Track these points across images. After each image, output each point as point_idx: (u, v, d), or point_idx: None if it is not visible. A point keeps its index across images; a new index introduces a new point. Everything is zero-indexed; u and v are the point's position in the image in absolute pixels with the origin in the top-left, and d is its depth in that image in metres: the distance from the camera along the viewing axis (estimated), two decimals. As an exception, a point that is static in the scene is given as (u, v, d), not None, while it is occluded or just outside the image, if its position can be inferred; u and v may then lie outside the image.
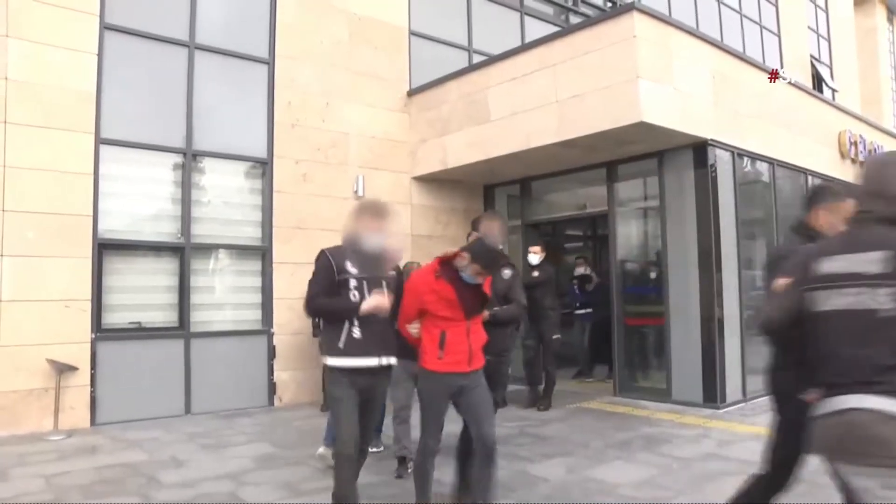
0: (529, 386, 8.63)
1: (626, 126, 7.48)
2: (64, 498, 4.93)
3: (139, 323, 7.97)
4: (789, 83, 9.79)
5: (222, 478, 5.46)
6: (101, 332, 7.55)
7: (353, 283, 4.01)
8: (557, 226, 11.63)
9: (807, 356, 2.46)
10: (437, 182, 10.39)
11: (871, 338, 2.23)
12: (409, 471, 4.99)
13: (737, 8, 16.85)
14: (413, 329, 4.28)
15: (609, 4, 13.48)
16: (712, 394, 7.96)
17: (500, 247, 4.57)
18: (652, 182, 8.92)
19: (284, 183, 8.92)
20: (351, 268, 4.02)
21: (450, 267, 4.16)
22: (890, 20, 29.57)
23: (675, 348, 8.38)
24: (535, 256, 8.53)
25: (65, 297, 7.24)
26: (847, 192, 3.31)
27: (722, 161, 8.41)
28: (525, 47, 9.09)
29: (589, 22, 8.51)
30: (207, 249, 8.50)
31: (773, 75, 9.29)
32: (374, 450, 5.80)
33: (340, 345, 3.98)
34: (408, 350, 4.46)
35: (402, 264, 6.12)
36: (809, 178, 10.40)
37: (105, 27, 7.73)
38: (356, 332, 3.99)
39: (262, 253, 8.79)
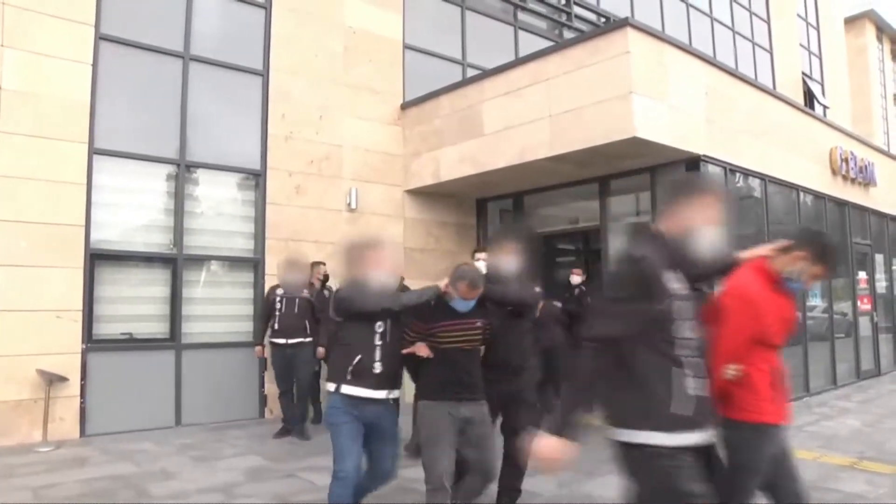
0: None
1: (620, 141, 7.51)
2: (52, 510, 4.90)
3: (130, 334, 7.93)
4: (780, 98, 9.85)
5: (212, 490, 5.43)
6: (92, 342, 7.51)
7: (681, 308, 2.45)
8: (550, 240, 11.64)
9: None
10: (430, 196, 10.40)
11: None
12: None
13: (730, 25, 16.99)
14: (731, 371, 2.95)
15: (603, 20, 13.55)
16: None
17: None
18: (644, 197, 8.95)
19: (277, 195, 8.92)
20: (676, 283, 2.48)
21: (772, 272, 3.08)
22: (880, 39, 29.91)
23: (667, 363, 8.36)
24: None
25: (56, 307, 7.21)
26: None
27: (714, 177, 8.44)
28: (519, 62, 9.13)
29: (583, 37, 8.56)
30: (200, 261, 8.48)
31: None
32: None
33: (673, 408, 2.40)
34: (446, 385, 3.99)
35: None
36: (801, 194, 10.47)
37: (100, 38, 7.74)
38: (693, 386, 2.44)
39: (255, 265, 8.78)
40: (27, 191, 7.10)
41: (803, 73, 19.18)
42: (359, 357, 3.91)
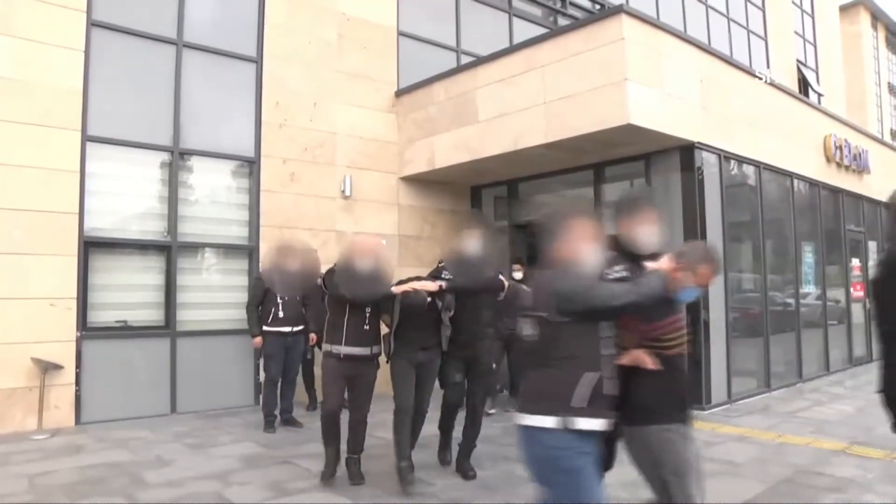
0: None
1: (614, 128, 7.50)
2: (48, 498, 4.90)
3: (125, 322, 7.92)
4: (772, 84, 9.86)
5: (208, 477, 5.44)
6: (87, 330, 7.51)
7: None
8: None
9: None
10: (424, 183, 10.39)
11: None
12: None
13: (724, 12, 16.95)
14: None
15: (598, 7, 13.52)
16: (697, 395, 7.98)
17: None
18: (639, 184, 8.95)
19: (272, 182, 8.90)
20: None
21: None
22: (875, 26, 29.88)
23: (660, 350, 8.39)
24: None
25: (50, 295, 7.20)
26: None
27: (709, 164, 8.45)
28: (513, 49, 9.10)
29: (577, 24, 8.53)
30: (194, 248, 8.47)
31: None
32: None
33: None
34: (676, 403, 3.19)
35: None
36: (795, 181, 10.50)
37: (92, 24, 7.69)
38: None
39: (249, 252, 8.76)
40: (20, 179, 7.07)
41: (798, 61, 19.15)
42: (597, 376, 2.84)
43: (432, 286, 5.21)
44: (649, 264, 3.08)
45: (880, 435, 6.73)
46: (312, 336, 7.71)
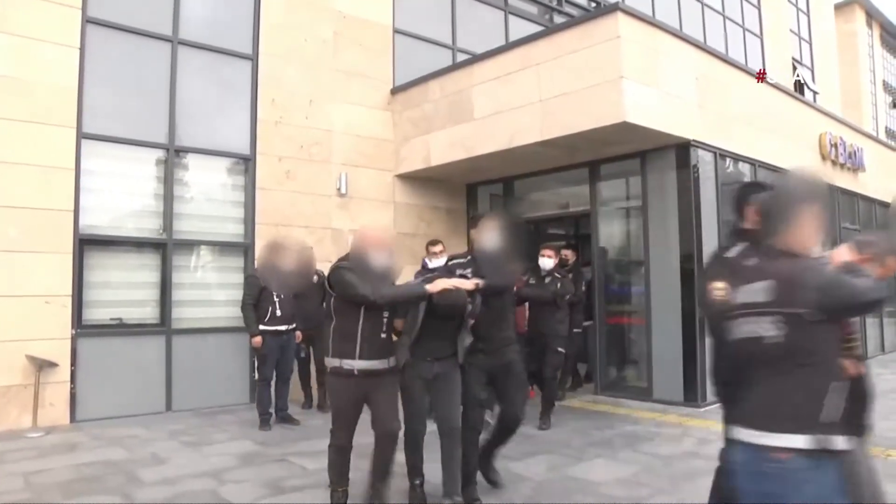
0: None
1: (610, 126, 7.51)
2: (43, 496, 4.88)
3: (120, 319, 7.91)
4: (772, 84, 9.89)
5: (204, 475, 5.43)
6: (82, 328, 7.49)
7: None
8: (540, 225, 11.67)
9: None
10: (420, 180, 10.38)
11: None
12: None
13: (720, 10, 16.97)
14: None
15: (593, 5, 13.52)
16: (693, 393, 8.00)
17: None
18: (634, 182, 8.95)
19: (267, 180, 8.89)
20: None
21: None
22: (870, 24, 29.91)
23: (656, 348, 8.42)
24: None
25: (45, 292, 7.18)
26: None
27: (704, 162, 8.46)
28: (509, 46, 9.10)
29: (573, 22, 8.53)
30: (189, 246, 8.45)
31: (760, 76, 9.40)
32: None
33: None
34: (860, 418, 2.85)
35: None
36: (790, 179, 10.50)
37: (87, 21, 7.67)
38: None
39: (245, 250, 8.75)
40: (15, 176, 7.05)
41: (793, 59, 19.19)
42: (845, 385, 2.36)
43: (468, 284, 4.38)
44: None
45: (876, 433, 6.75)
46: (298, 334, 7.69)
